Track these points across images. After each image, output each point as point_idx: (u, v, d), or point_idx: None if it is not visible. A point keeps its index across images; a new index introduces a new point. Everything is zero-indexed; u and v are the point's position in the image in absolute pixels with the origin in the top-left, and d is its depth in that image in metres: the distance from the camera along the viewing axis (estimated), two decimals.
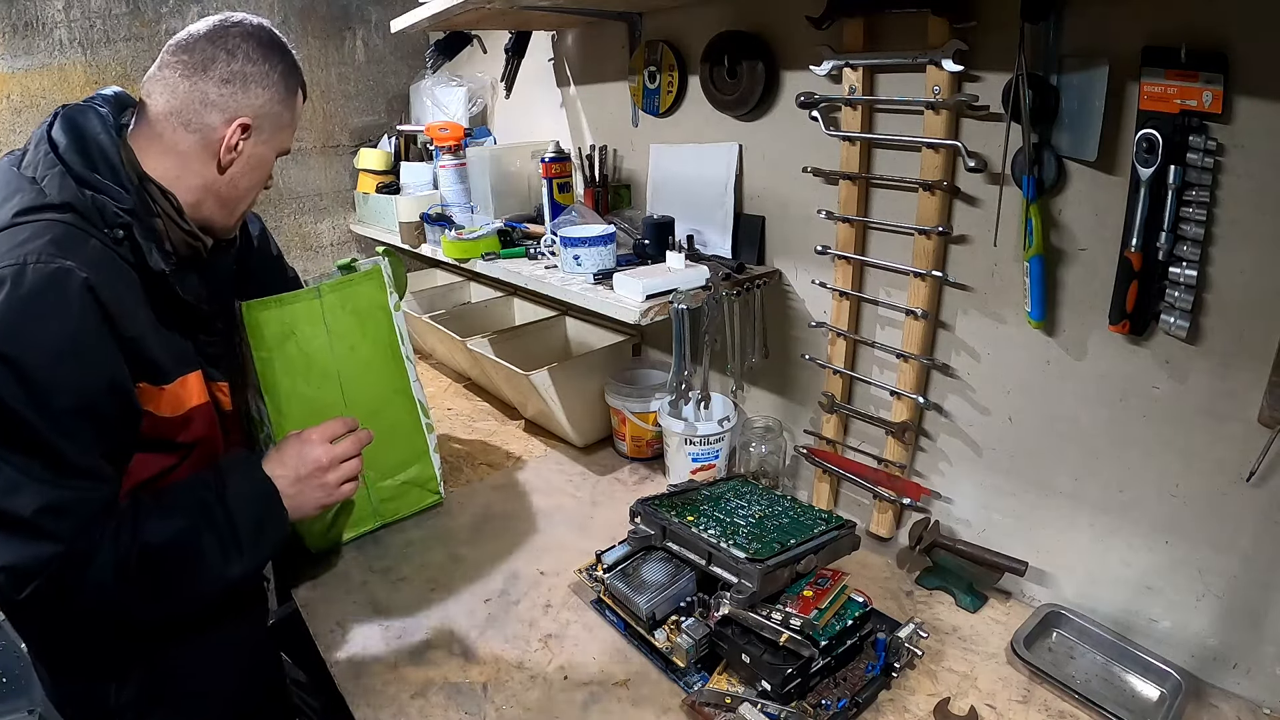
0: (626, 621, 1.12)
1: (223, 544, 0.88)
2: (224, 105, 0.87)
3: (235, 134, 0.88)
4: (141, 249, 0.83)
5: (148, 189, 0.85)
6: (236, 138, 0.88)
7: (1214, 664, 0.99)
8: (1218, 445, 0.94)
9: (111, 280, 0.79)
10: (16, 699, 1.28)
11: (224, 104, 0.87)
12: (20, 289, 0.72)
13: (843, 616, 1.01)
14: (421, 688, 1.04)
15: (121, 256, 0.82)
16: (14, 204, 0.79)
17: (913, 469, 1.30)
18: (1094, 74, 0.92)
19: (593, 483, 1.59)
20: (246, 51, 0.89)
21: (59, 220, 0.78)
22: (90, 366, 0.77)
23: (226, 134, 0.88)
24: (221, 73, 0.87)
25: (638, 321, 1.24)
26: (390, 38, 2.32)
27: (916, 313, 1.18)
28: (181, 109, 0.86)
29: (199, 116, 0.87)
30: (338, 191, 2.40)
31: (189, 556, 0.86)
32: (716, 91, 1.44)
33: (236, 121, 0.88)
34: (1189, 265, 0.88)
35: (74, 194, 0.80)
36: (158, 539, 0.82)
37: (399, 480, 1.41)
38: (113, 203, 0.81)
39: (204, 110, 0.87)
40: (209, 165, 0.89)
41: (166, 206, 0.86)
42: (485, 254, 1.59)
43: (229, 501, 0.89)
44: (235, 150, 0.89)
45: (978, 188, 1.10)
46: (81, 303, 0.75)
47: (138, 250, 0.83)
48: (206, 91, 0.86)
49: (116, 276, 0.80)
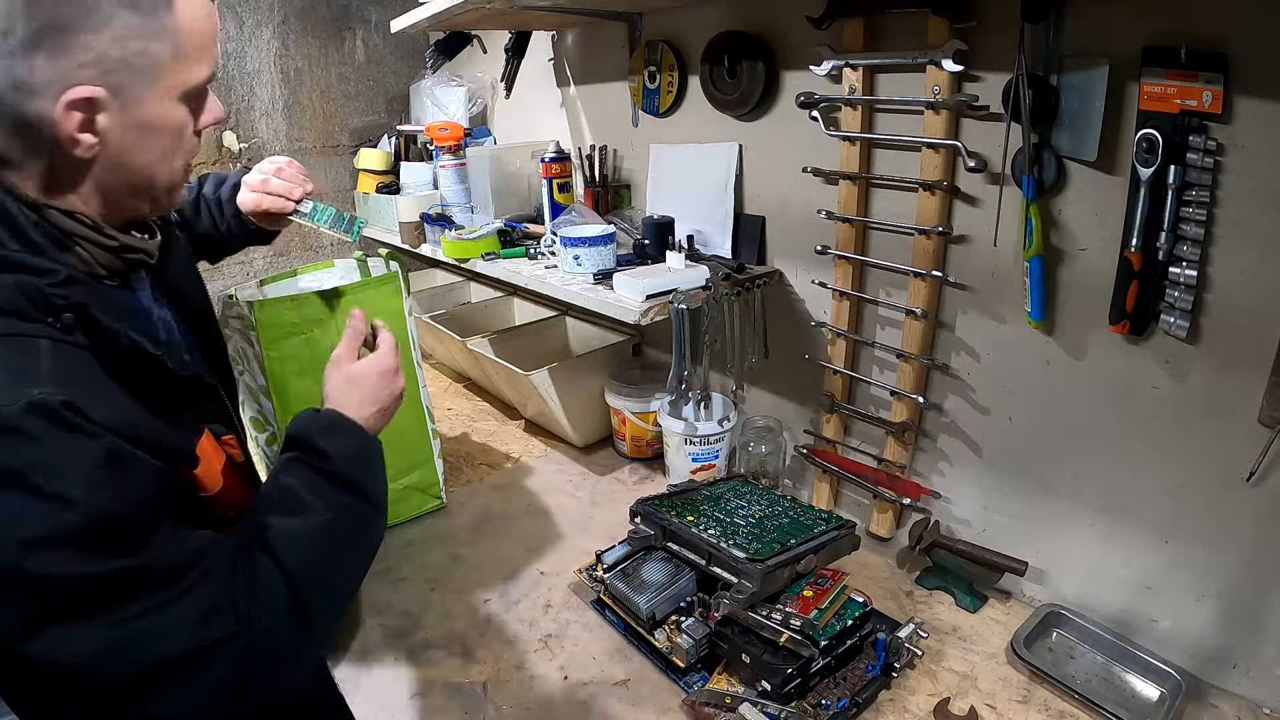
0: (626, 621, 1.12)
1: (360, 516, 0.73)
2: (43, 84, 0.57)
3: (70, 120, 0.58)
4: (105, 332, 0.61)
5: (48, 218, 0.61)
6: (73, 124, 0.58)
7: (1214, 664, 1.00)
8: (1218, 445, 0.94)
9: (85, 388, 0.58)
10: None
11: (42, 82, 0.57)
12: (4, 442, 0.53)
13: (843, 616, 1.01)
14: (421, 688, 1.04)
15: (76, 344, 0.59)
16: None
17: (913, 469, 1.30)
18: (1094, 74, 0.92)
19: (593, 483, 1.59)
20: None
21: None
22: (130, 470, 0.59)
23: (58, 119, 0.58)
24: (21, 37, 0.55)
25: (638, 321, 1.24)
26: (390, 38, 2.32)
27: (916, 313, 1.18)
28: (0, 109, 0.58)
29: (21, 109, 0.57)
30: (338, 191, 2.40)
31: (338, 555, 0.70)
32: (716, 91, 1.44)
33: (63, 100, 0.57)
34: (1189, 265, 0.88)
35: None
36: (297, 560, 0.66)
37: (402, 484, 1.41)
38: (36, 280, 0.58)
39: (22, 102, 0.57)
40: (77, 167, 0.62)
41: (80, 230, 0.63)
42: (485, 254, 1.60)
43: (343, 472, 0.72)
44: (86, 136, 0.59)
45: (978, 188, 1.10)
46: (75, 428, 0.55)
47: (96, 333, 0.61)
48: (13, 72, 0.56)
49: (86, 378, 0.59)
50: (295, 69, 2.19)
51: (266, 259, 2.27)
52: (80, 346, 0.60)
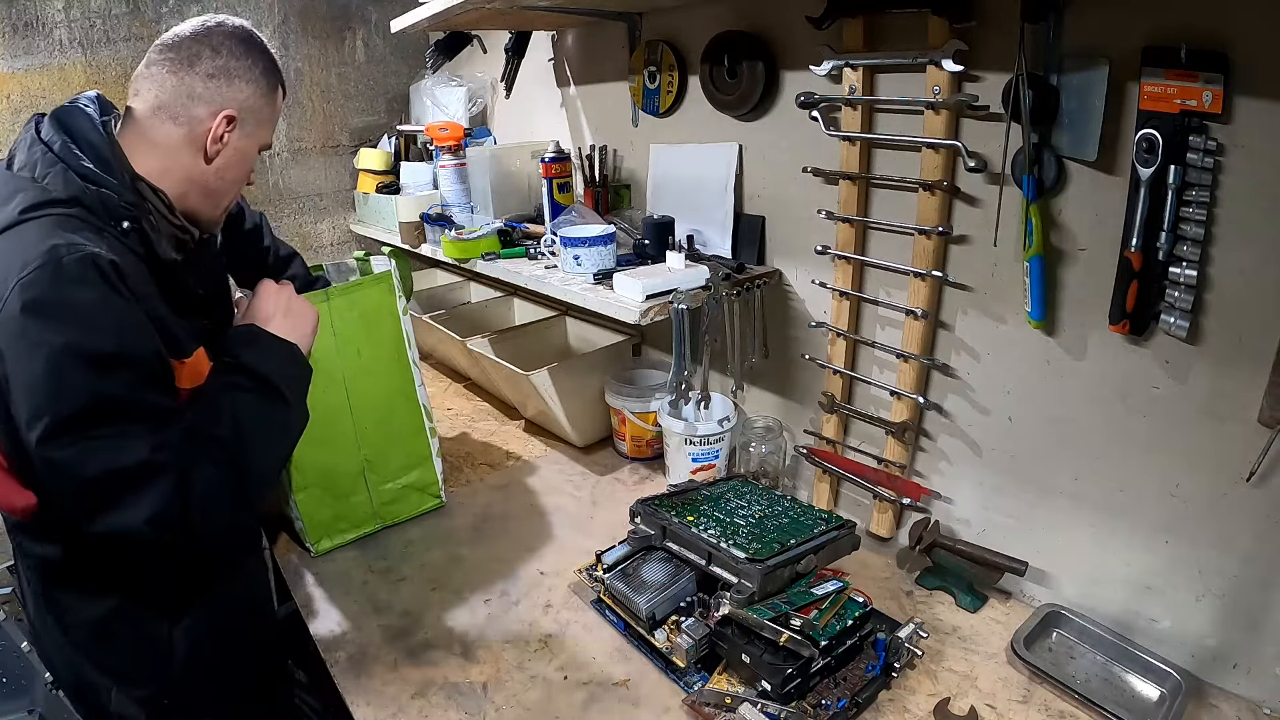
0: (626, 621, 1.12)
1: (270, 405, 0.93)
2: (210, 98, 0.91)
3: (221, 125, 0.91)
4: (150, 240, 0.87)
5: (138, 187, 0.88)
6: (223, 129, 0.92)
7: (1214, 664, 0.99)
8: (1218, 445, 0.94)
9: (130, 269, 0.82)
10: (17, 699, 1.28)
11: (210, 97, 0.91)
12: (63, 278, 0.75)
13: (843, 616, 1.01)
14: (421, 688, 1.04)
15: (130, 248, 0.85)
16: (18, 202, 0.80)
17: (913, 469, 1.30)
18: (1094, 74, 0.92)
19: (593, 483, 1.59)
20: (230, 48, 0.93)
21: (68, 215, 0.81)
22: (143, 334, 0.81)
23: (213, 126, 0.91)
24: (207, 68, 0.90)
25: (638, 321, 1.24)
26: (390, 38, 2.33)
27: (916, 313, 1.18)
28: (169, 103, 0.90)
29: (186, 110, 0.90)
30: (338, 191, 2.40)
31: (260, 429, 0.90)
32: (716, 91, 1.44)
33: (223, 113, 0.91)
34: (1189, 265, 0.88)
35: (79, 189, 0.82)
36: (226, 430, 0.86)
37: (400, 484, 1.41)
38: (115, 197, 0.84)
39: (191, 103, 0.90)
40: (196, 158, 0.92)
41: (157, 203, 0.89)
42: (485, 254, 1.60)
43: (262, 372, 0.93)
44: (221, 141, 0.92)
45: (978, 188, 1.10)
46: (119, 283, 0.79)
47: (145, 242, 0.87)
48: (193, 86, 0.90)
49: (132, 266, 0.83)
50: (295, 69, 2.19)
51: None
52: (133, 252, 0.85)
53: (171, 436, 0.81)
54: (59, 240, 0.77)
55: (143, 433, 0.79)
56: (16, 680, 1.29)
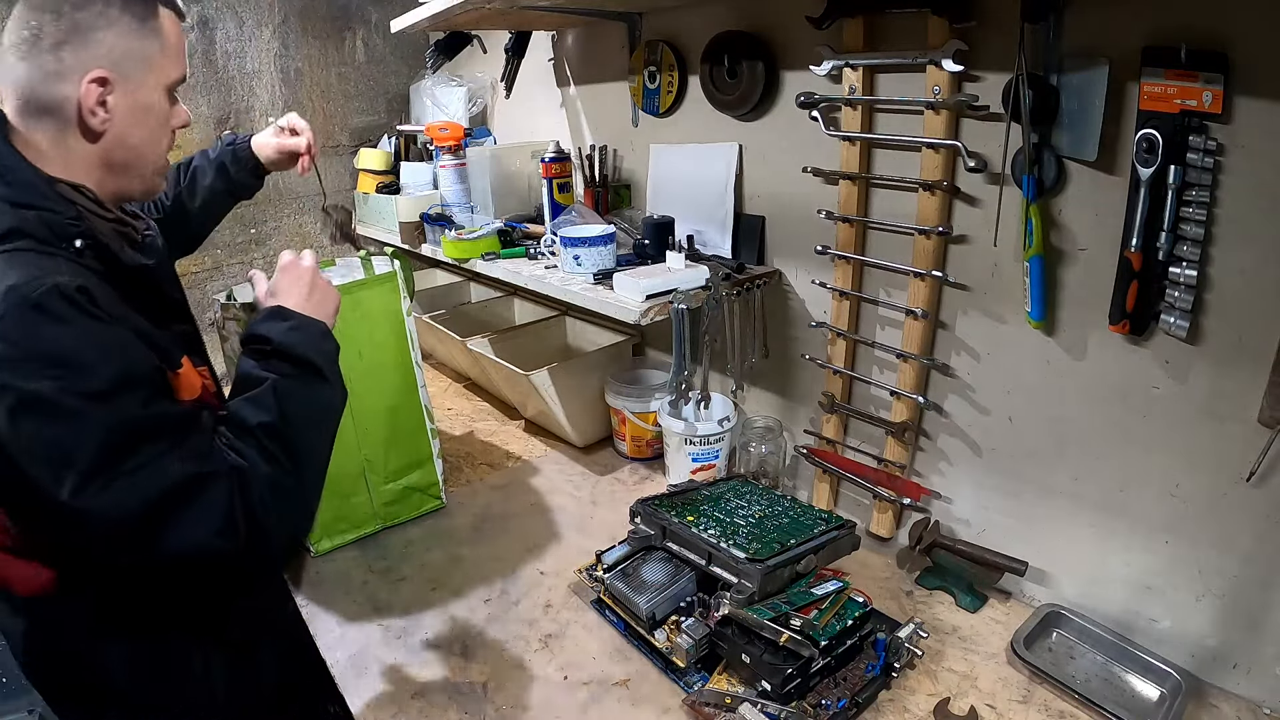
0: (626, 621, 1.12)
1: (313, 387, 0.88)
2: (69, 70, 0.76)
3: (91, 93, 0.77)
4: (108, 251, 0.78)
5: (60, 192, 0.77)
6: (94, 97, 0.77)
7: (1214, 664, 1.00)
8: (1218, 445, 0.94)
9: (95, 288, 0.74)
10: (16, 699, 1.28)
11: (68, 68, 0.76)
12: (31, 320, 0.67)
13: (843, 616, 1.01)
14: (421, 688, 1.04)
15: (85, 267, 0.76)
16: None
17: (913, 469, 1.30)
18: (1094, 74, 0.92)
19: (593, 483, 1.59)
20: (71, 1, 0.77)
21: (15, 249, 0.73)
22: (135, 350, 0.74)
23: (80, 97, 0.76)
24: (52, 36, 0.76)
25: (638, 321, 1.24)
26: (390, 38, 2.32)
27: (916, 313, 1.18)
28: (33, 95, 0.77)
29: (51, 94, 0.76)
30: (338, 191, 2.40)
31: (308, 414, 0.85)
32: (716, 91, 1.44)
33: (87, 79, 0.76)
34: (1189, 265, 0.88)
35: (17, 219, 0.74)
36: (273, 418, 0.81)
37: (401, 485, 1.41)
38: (57, 215, 0.75)
39: (53, 85, 0.76)
40: (83, 140, 0.79)
41: (86, 204, 0.79)
42: (485, 254, 1.60)
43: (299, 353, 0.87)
44: (101, 109, 0.77)
45: (978, 188, 1.10)
46: (91, 306, 0.72)
47: (102, 256, 0.78)
48: (46, 65, 0.76)
49: (95, 286, 0.75)
50: (295, 69, 2.19)
51: (266, 259, 2.27)
52: (92, 271, 0.76)
53: (204, 441, 0.75)
54: (14, 280, 0.69)
55: (174, 446, 0.72)
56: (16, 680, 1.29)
